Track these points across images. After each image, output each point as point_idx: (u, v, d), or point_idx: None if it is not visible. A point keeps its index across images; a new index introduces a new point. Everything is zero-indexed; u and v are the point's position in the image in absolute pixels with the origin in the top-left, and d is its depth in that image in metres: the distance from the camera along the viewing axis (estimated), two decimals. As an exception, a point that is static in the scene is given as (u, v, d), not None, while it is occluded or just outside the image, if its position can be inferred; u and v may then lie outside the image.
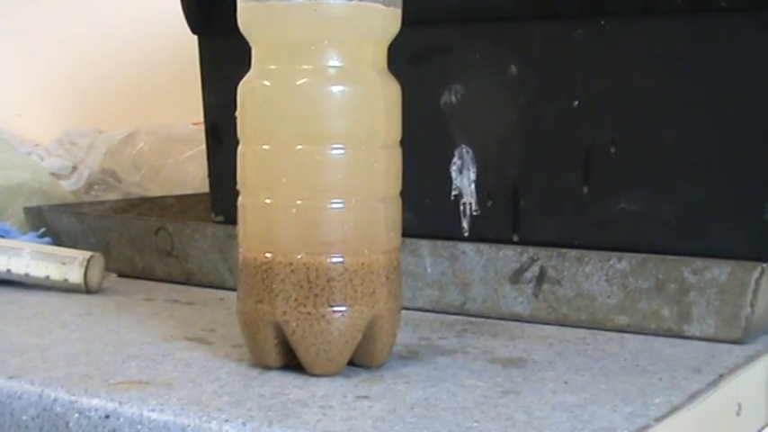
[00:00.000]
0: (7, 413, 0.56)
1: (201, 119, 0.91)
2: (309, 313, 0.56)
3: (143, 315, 0.74)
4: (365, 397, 0.54)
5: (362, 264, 0.57)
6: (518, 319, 0.71)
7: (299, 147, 0.56)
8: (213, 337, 0.66)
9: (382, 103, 0.58)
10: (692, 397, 0.54)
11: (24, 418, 0.55)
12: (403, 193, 0.60)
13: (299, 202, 0.56)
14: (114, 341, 0.66)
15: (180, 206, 1.04)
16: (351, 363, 0.58)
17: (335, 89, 0.56)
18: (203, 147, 1.09)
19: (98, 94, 1.39)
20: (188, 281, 0.85)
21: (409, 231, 0.63)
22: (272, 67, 0.57)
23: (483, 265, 0.72)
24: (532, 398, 0.54)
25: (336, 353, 0.57)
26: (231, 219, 0.84)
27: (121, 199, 1.07)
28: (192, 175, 1.15)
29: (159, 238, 0.86)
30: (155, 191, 1.15)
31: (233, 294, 0.81)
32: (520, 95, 0.73)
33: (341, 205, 0.56)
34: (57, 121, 1.38)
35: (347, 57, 0.56)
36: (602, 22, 0.70)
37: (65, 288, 0.82)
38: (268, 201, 0.57)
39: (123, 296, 0.81)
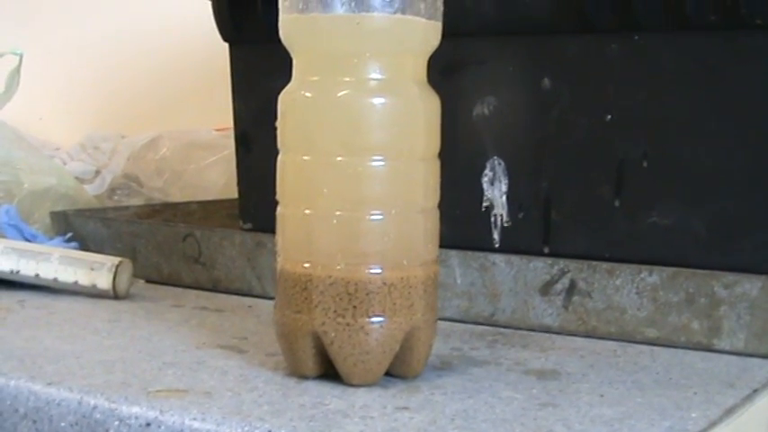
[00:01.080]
0: (46, 420, 0.56)
1: (224, 124, 0.91)
2: (348, 324, 0.56)
3: (173, 322, 0.74)
4: (405, 408, 0.54)
5: (401, 276, 0.57)
6: (547, 330, 0.71)
7: (340, 158, 0.56)
8: (246, 346, 0.67)
9: (422, 115, 0.58)
10: (729, 412, 0.55)
11: (63, 424, 0.55)
12: (440, 205, 0.60)
13: (338, 213, 0.56)
14: (148, 348, 0.66)
15: (203, 212, 1.04)
16: (387, 373, 0.58)
17: (376, 101, 0.56)
18: (226, 153, 1.09)
19: (121, 99, 1.40)
20: (215, 288, 0.85)
21: (440, 242, 0.63)
22: (314, 78, 0.58)
23: (513, 277, 0.73)
24: (570, 411, 0.54)
25: (374, 363, 0.57)
26: (260, 226, 0.85)
27: (145, 204, 1.08)
28: (214, 181, 1.16)
29: (187, 244, 0.87)
30: (176, 196, 1.16)
31: (261, 302, 0.82)
32: (553, 108, 0.73)
33: (380, 217, 0.57)
34: (78, 126, 1.38)
35: (388, 69, 0.57)
36: (636, 37, 0.70)
37: (93, 294, 0.82)
38: (308, 211, 0.57)
39: (151, 302, 0.81)
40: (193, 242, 0.87)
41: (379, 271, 0.57)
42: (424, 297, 0.58)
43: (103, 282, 0.82)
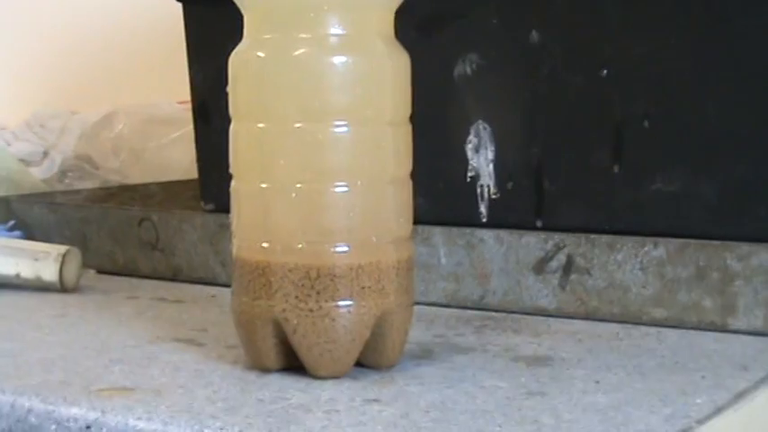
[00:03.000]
0: (-23, 425, 0.56)
1: (188, 97, 0.91)
2: (312, 309, 0.57)
3: (126, 315, 0.74)
4: (375, 400, 0.54)
5: (370, 253, 0.57)
6: (543, 313, 0.72)
7: (298, 124, 0.56)
8: (205, 338, 0.67)
9: (390, 75, 0.58)
10: (739, 396, 0.55)
11: (-3, 430, 0.56)
12: (414, 176, 0.60)
13: (298, 185, 0.56)
14: (94, 344, 0.66)
15: (165, 194, 1.04)
16: (358, 363, 0.59)
17: (337, 60, 0.56)
18: (190, 128, 1.09)
19: (70, 70, 1.40)
20: (175, 277, 0.86)
21: (421, 218, 0.64)
22: (267, 36, 0.58)
23: (503, 254, 0.73)
24: (560, 399, 0.54)
25: (342, 352, 0.57)
26: (223, 207, 0.84)
27: (99, 187, 1.08)
28: (178, 159, 1.16)
29: (143, 229, 0.87)
30: (136, 178, 1.16)
31: (226, 291, 0.81)
32: (542, 65, 0.73)
33: (345, 189, 0.57)
34: (23, 102, 1.38)
35: (350, 24, 0.57)
36: (634, -19, 0.70)
37: (38, 287, 0.82)
38: (264, 185, 0.57)
39: (103, 295, 0.81)
40: (150, 227, 0.87)
41: (345, 249, 0.57)
42: (397, 277, 0.58)
43: (49, 273, 0.82)
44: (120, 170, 1.18)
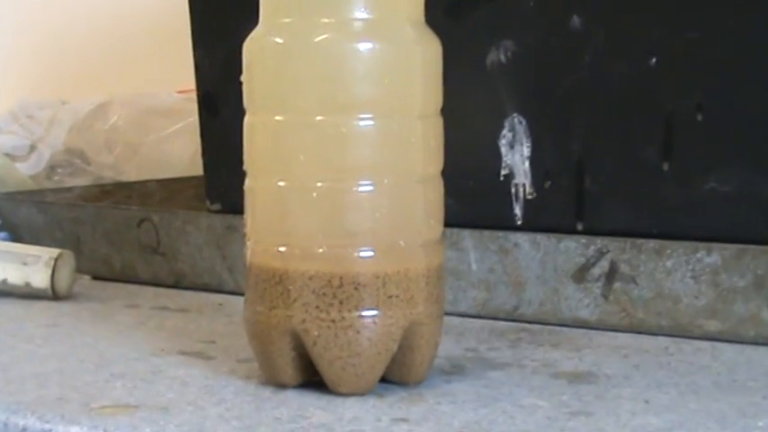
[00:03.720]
0: (-33, 445, 0.57)
1: (190, 86, 0.91)
2: (334, 320, 0.57)
3: (125, 325, 0.75)
4: (403, 420, 0.55)
5: (397, 259, 0.58)
6: (583, 325, 0.72)
7: (320, 117, 0.57)
8: (213, 351, 0.67)
9: (419, 63, 0.58)
10: (803, 418, 0.55)
11: (-12, 450, 0.56)
12: (442, 174, 0.60)
13: (319, 184, 0.57)
14: (92, 357, 0.67)
15: (164, 192, 1.05)
16: (383, 379, 0.59)
17: (363, 47, 0.57)
18: (192, 120, 1.10)
19: (60, 55, 1.40)
20: (178, 283, 0.86)
21: (449, 220, 0.64)
22: (286, 20, 0.58)
23: (540, 261, 0.73)
24: (607, 420, 0.55)
25: (367, 367, 0.57)
26: (231, 207, 0.85)
27: (92, 185, 1.08)
28: (178, 155, 1.16)
29: (142, 231, 0.87)
30: (132, 174, 1.16)
31: (235, 299, 0.82)
32: (584, 52, 0.73)
33: (370, 188, 0.57)
34: (9, 90, 1.39)
35: (376, 7, 0.57)
36: (685, -39, 0.71)
37: (27, 294, 0.83)
38: (282, 183, 0.58)
39: (99, 303, 0.82)
40: (150, 228, 0.87)
41: (370, 254, 0.57)
42: (426, 285, 0.59)
43: (39, 279, 0.82)
44: (115, 166, 1.18)
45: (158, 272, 0.87)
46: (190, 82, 0.91)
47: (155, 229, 0.87)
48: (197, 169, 1.02)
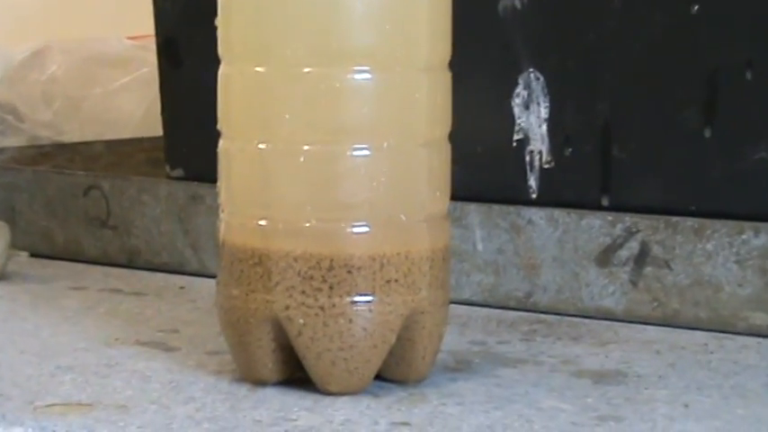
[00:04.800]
0: None
1: (144, 31, 0.91)
2: (322, 307, 0.57)
3: (72, 310, 0.75)
4: (404, 423, 0.55)
5: (398, 236, 0.57)
6: (608, 316, 0.72)
7: (309, 69, 0.56)
8: (177, 341, 0.67)
9: (425, 6, 0.58)
10: None
11: None
12: (453, 137, 0.60)
13: (307, 147, 0.57)
14: (34, 347, 0.67)
15: (113, 156, 1.04)
16: (379, 377, 0.59)
17: (359, -14, 0.57)
18: (147, 71, 1.09)
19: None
20: (131, 262, 0.86)
21: (453, 192, 0.64)
22: (269, -46, 0.58)
23: (558, 240, 0.73)
24: (641, 426, 0.55)
25: (361, 361, 0.57)
26: (194, 173, 0.85)
27: (28, 146, 1.08)
28: (129, 111, 1.16)
29: (89, 200, 0.87)
30: (74, 134, 1.15)
31: (199, 281, 0.82)
32: (613, -3, 0.74)
33: (367, 152, 0.57)
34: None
35: (376, -60, 0.57)
36: None
37: (-45, 272, 0.83)
38: (263, 146, 0.57)
39: (40, 284, 0.82)
40: (99, 197, 0.87)
41: (365, 230, 0.57)
42: (430, 269, 0.59)
43: (-30, 255, 0.82)
44: (54, 124, 1.17)
45: (108, 248, 0.86)
46: (145, 26, 0.90)
47: (104, 199, 0.87)
48: (152, 129, 1.01)
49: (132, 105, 1.16)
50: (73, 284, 0.81)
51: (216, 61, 0.60)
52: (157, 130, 0.92)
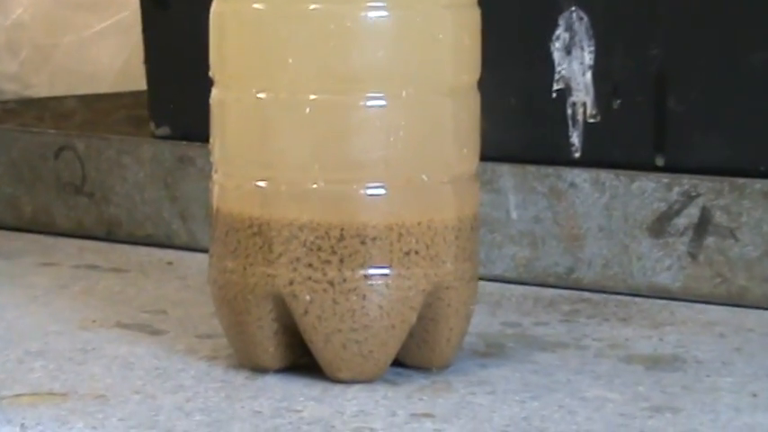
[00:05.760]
0: None
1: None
2: (332, 282, 0.57)
3: (42, 289, 0.75)
4: (426, 415, 0.55)
5: (419, 199, 0.58)
6: (663, 294, 0.72)
7: (315, 6, 0.57)
8: (164, 323, 0.68)
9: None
10: None
11: None
12: (480, 86, 0.61)
13: (314, 96, 0.57)
14: (1, 331, 0.67)
15: (88, 113, 1.04)
16: (397, 362, 0.59)
17: None
18: (127, 15, 1.10)
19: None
20: (111, 234, 0.86)
21: (482, 150, 0.64)
22: None
23: (604, 207, 0.73)
24: (702, 418, 0.55)
25: (376, 344, 0.58)
26: (183, 131, 0.85)
27: (-10, 101, 1.08)
28: (106, 62, 1.16)
29: (61, 163, 0.87)
30: (43, 88, 1.16)
31: (189, 256, 0.82)
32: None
33: (382, 102, 0.57)
34: None
35: None
36: None
37: None
38: (263, 95, 0.58)
39: (5, 260, 0.82)
40: (73, 160, 0.87)
41: (381, 192, 0.57)
42: (457, 239, 0.59)
43: (-76, 226, 0.83)
44: (20, 76, 1.18)
45: (84, 219, 0.87)
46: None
47: (78, 161, 0.87)
48: (133, 81, 1.01)
49: (110, 55, 1.16)
50: (43, 260, 0.81)
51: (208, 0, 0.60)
52: (139, 84, 0.92)
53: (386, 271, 0.57)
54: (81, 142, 0.87)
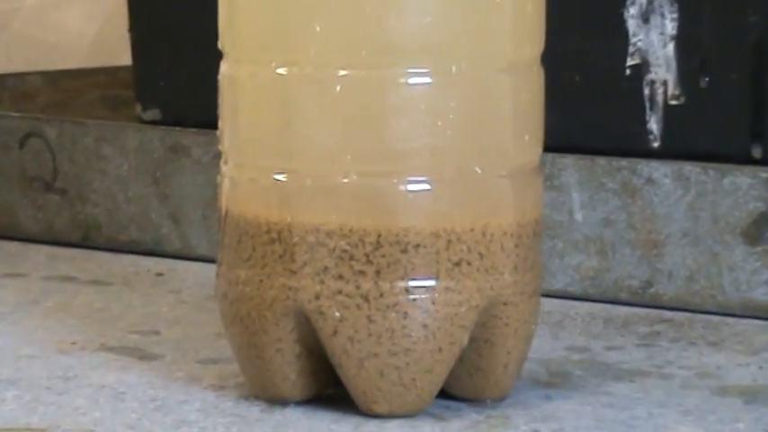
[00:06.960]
0: None
1: None
2: (366, 296, 0.58)
3: (8, 305, 0.76)
4: (482, 458, 0.56)
5: (471, 197, 0.58)
6: (762, 313, 0.73)
7: (347, -36, 0.58)
8: (158, 346, 0.68)
9: None
10: None
11: None
12: (542, 62, 0.61)
13: (344, 72, 0.57)
14: (-38, 354, 0.68)
15: (56, 92, 1.04)
16: (444, 393, 0.60)
17: None
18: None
19: None
20: (87, 240, 0.87)
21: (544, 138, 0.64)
22: None
23: (688, 207, 0.73)
24: (816, 465, 0.56)
25: (419, 371, 0.58)
26: (176, 114, 0.85)
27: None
28: (76, 31, 1.17)
29: (27, 154, 0.88)
30: (1, 62, 1.16)
31: (183, 266, 0.83)
32: None
33: (428, 79, 0.58)
34: None
35: None
36: None
37: None
38: (284, 70, 0.58)
39: (-39, 270, 0.83)
40: (41, 149, 0.87)
41: (425, 187, 0.58)
42: (516, 247, 0.59)
43: None
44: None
45: (56, 221, 0.87)
46: None
47: (48, 151, 0.87)
48: (109, 55, 1.02)
49: (82, 23, 1.17)
50: (7, 270, 0.82)
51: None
52: (116, 57, 0.93)
53: (431, 283, 0.58)
54: (51, 128, 0.87)
